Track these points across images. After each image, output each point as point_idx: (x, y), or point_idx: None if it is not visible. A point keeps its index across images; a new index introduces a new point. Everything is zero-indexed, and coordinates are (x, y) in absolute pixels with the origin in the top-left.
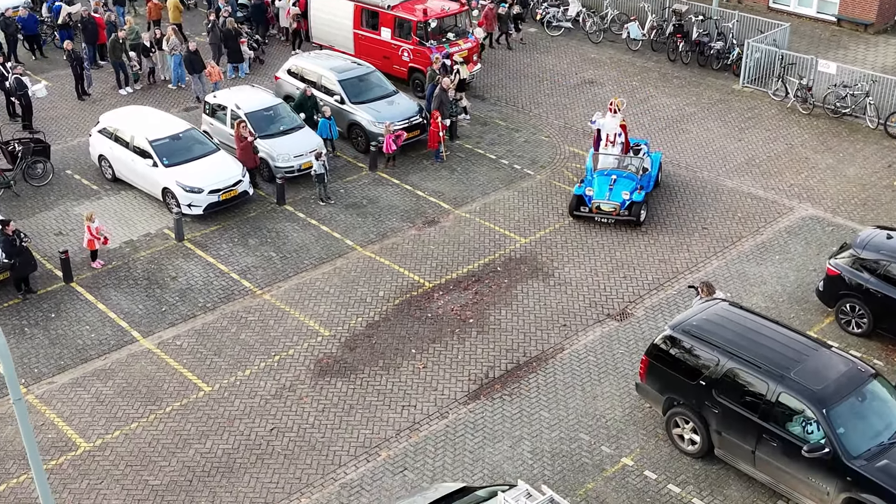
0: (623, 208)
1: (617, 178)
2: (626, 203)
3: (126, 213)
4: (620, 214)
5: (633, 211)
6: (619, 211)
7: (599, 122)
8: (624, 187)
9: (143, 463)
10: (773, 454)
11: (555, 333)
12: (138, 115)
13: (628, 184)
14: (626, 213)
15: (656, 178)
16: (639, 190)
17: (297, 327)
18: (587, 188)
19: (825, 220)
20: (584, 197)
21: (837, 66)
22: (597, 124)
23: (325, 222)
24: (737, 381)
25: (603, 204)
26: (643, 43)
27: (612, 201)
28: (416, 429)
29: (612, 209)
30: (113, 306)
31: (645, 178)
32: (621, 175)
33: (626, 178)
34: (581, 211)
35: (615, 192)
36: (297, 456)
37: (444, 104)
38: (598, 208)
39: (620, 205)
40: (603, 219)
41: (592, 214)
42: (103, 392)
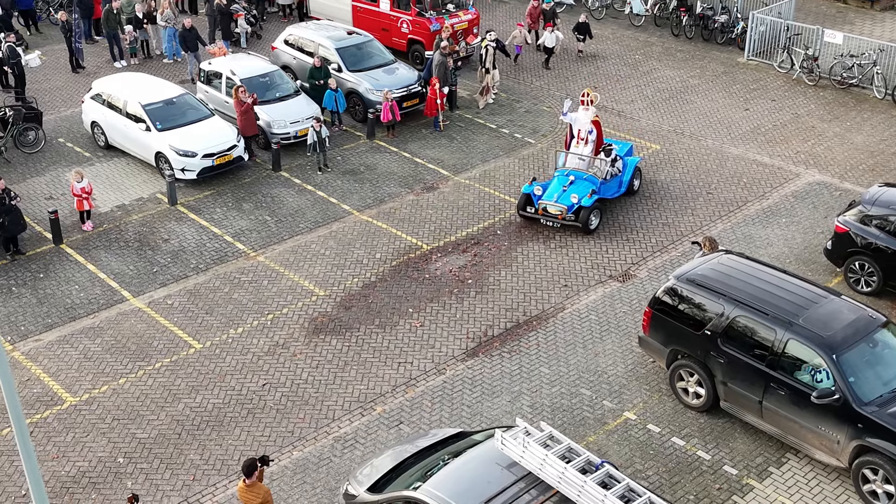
0: (570, 212)
1: (575, 179)
2: (574, 207)
3: (118, 178)
4: (567, 219)
5: (581, 217)
6: (566, 215)
7: (571, 115)
8: (576, 190)
9: (131, 417)
10: (780, 403)
11: (555, 293)
12: (132, 80)
13: (584, 187)
14: (573, 219)
15: (629, 184)
16: (590, 194)
17: (291, 287)
18: (536, 187)
19: (833, 185)
20: (532, 196)
21: (844, 35)
22: (568, 118)
23: (322, 188)
24: (743, 330)
25: (550, 206)
26: (646, 18)
27: (559, 204)
28: (413, 384)
29: (558, 212)
30: (103, 267)
31: (612, 182)
32: (581, 177)
33: (587, 180)
34: (527, 211)
35: (565, 195)
36: (289, 410)
37: (446, 72)
38: (544, 210)
39: (568, 208)
40: (549, 222)
41: (538, 216)
42: (91, 349)
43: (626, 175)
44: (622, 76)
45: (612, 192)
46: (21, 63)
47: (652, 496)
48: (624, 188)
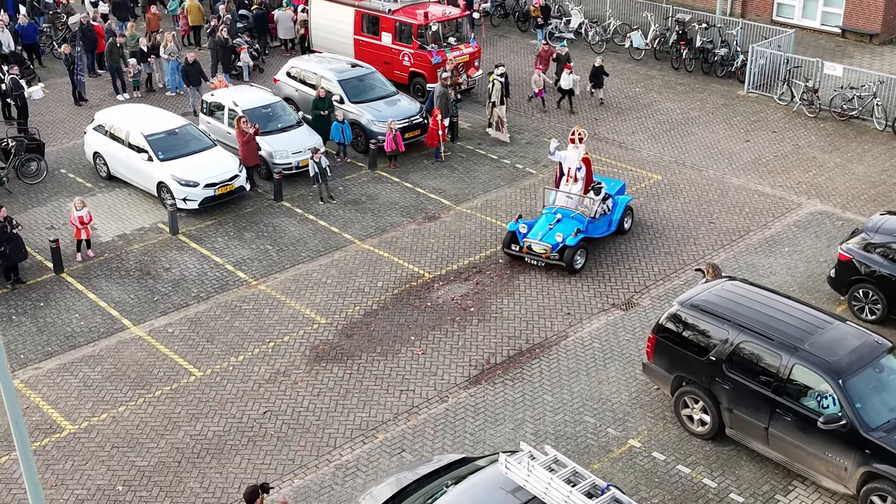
0: (554, 251)
1: (562, 217)
2: (558, 246)
3: (120, 208)
4: (551, 258)
5: (566, 256)
6: (550, 254)
7: (560, 154)
8: (561, 229)
9: (130, 444)
10: (787, 430)
11: (558, 322)
12: (134, 111)
13: (570, 226)
14: (557, 258)
15: (620, 224)
16: (575, 233)
17: (292, 315)
18: (521, 225)
19: (835, 215)
20: (517, 234)
21: (844, 68)
22: (556, 156)
23: (323, 217)
24: (748, 355)
25: (534, 244)
26: (646, 52)
27: (543, 242)
28: (415, 412)
29: (542, 251)
30: (104, 296)
31: (602, 221)
32: (568, 215)
33: (574, 219)
34: (512, 249)
35: (550, 233)
36: (290, 438)
37: (449, 103)
38: (528, 248)
39: (552, 247)
40: (533, 261)
41: (522, 254)
42: (91, 377)
43: (616, 214)
44: (623, 108)
45: (602, 231)
46: (24, 95)
47: None
48: (614, 227)
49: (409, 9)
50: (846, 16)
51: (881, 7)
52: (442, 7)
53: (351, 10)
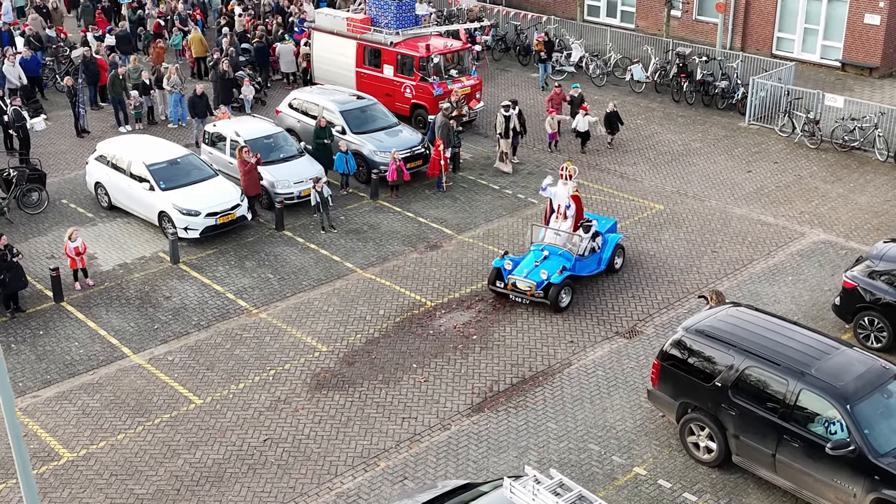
0: (539, 288)
1: (549, 254)
2: (543, 283)
3: (120, 238)
4: (535, 295)
5: (550, 294)
6: (535, 291)
7: (550, 190)
8: (547, 266)
9: (129, 472)
10: (794, 457)
11: (561, 349)
12: (136, 142)
13: (556, 263)
14: (542, 295)
15: (610, 262)
16: (560, 271)
17: (293, 343)
18: (506, 261)
19: (838, 244)
20: (502, 270)
21: (845, 99)
22: (547, 192)
23: (325, 246)
24: (754, 381)
25: (519, 281)
26: (647, 85)
27: (528, 279)
28: (417, 440)
29: (527, 288)
30: (103, 324)
31: (591, 259)
32: (555, 252)
33: (561, 256)
34: (497, 286)
35: (535, 271)
36: (291, 466)
37: (450, 133)
38: (513, 285)
39: (537, 284)
40: (517, 298)
41: (507, 291)
42: (90, 405)
43: (606, 252)
44: (624, 140)
45: (591, 269)
46: (26, 126)
47: None
48: (603, 266)
49: (410, 41)
50: (846, 49)
51: (881, 41)
52: (443, 40)
53: (353, 42)
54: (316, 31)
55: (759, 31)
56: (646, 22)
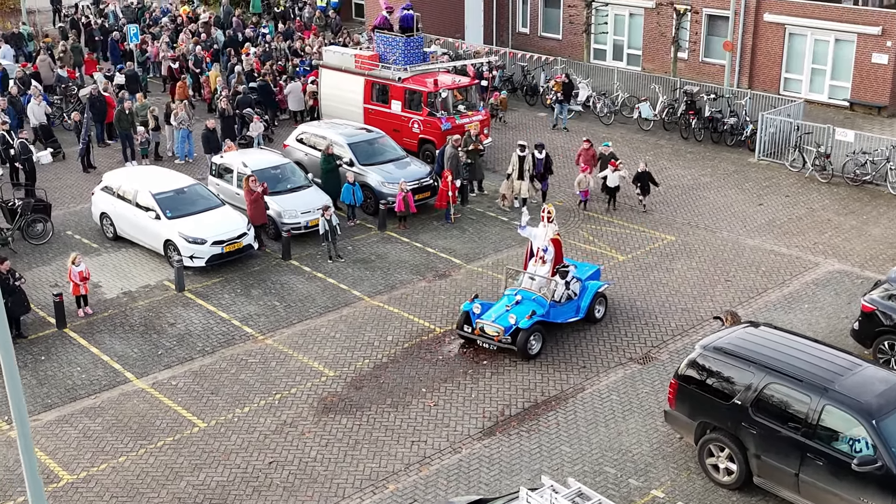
0: (507, 334)
1: (522, 299)
2: (511, 329)
3: (125, 267)
4: (503, 341)
5: (518, 340)
6: (503, 337)
7: (529, 230)
8: (518, 311)
9: (130, 494)
10: (819, 475)
11: (574, 374)
12: (143, 172)
13: (526, 308)
14: (509, 341)
15: (590, 310)
16: (529, 316)
17: (300, 368)
18: (475, 305)
19: (854, 273)
20: (470, 314)
21: (855, 133)
22: (525, 231)
23: (332, 275)
24: (776, 398)
25: (487, 326)
26: (655, 123)
27: (496, 324)
28: (427, 463)
29: (495, 333)
30: (106, 350)
31: (567, 306)
32: (529, 297)
33: (534, 301)
34: (465, 331)
35: (504, 315)
36: (297, 488)
37: (459, 164)
38: (481, 330)
39: (505, 329)
40: (485, 343)
41: (475, 336)
42: (91, 428)
43: (584, 300)
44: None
45: (567, 316)
46: (32, 159)
47: None
48: (582, 314)
49: (418, 77)
50: (854, 89)
51: (889, 80)
52: (451, 76)
53: (361, 78)
54: (324, 68)
55: (767, 72)
56: (652, 64)
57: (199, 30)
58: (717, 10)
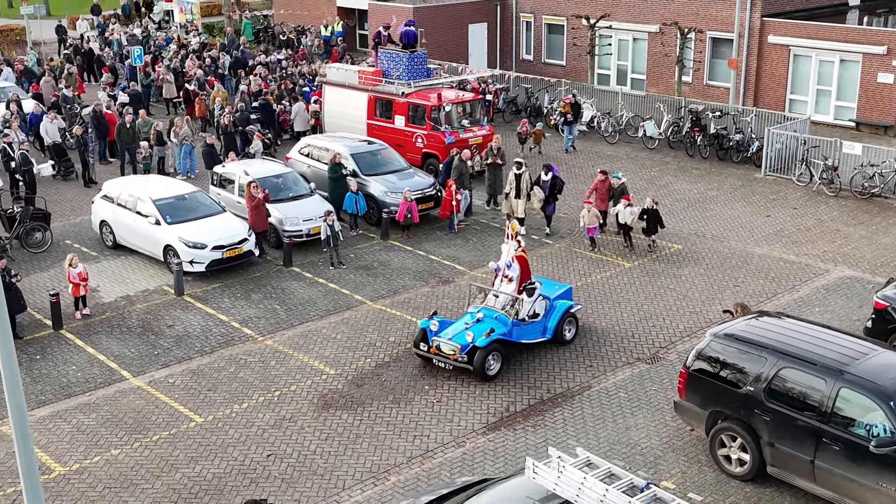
0: (463, 352)
1: (483, 317)
2: (468, 347)
3: (124, 273)
4: (459, 360)
5: (475, 359)
6: (458, 356)
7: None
8: (476, 329)
9: (124, 485)
10: (835, 461)
11: (580, 373)
12: (142, 180)
13: (485, 326)
14: (465, 360)
15: (557, 331)
16: (487, 334)
17: (300, 367)
18: (433, 322)
19: (864, 279)
20: (427, 332)
21: (863, 146)
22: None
23: (334, 281)
24: (789, 383)
25: (443, 344)
26: (659, 141)
27: (452, 342)
28: (430, 456)
29: (451, 352)
30: (103, 350)
31: (532, 326)
32: (490, 315)
33: (496, 320)
34: (420, 349)
35: (461, 333)
36: (295, 480)
37: (463, 176)
38: (437, 348)
39: (461, 348)
40: (441, 363)
41: (431, 355)
42: (85, 423)
43: (552, 321)
44: (638, 188)
45: (533, 336)
46: (32, 171)
47: None
48: (549, 335)
49: (422, 92)
50: (860, 109)
51: (895, 99)
52: (455, 91)
53: (364, 94)
54: (327, 85)
55: (771, 94)
56: (657, 89)
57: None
58: (721, 32)
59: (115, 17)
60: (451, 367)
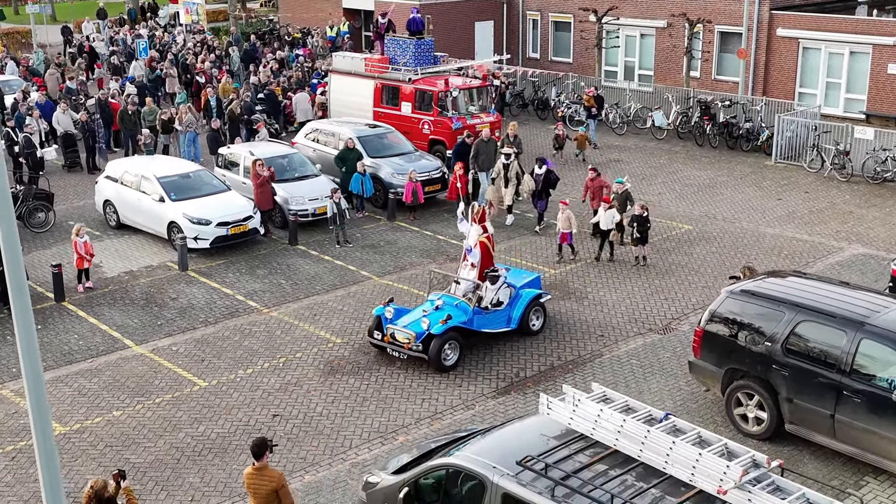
0: (418, 340)
1: (442, 304)
2: (423, 335)
3: (127, 251)
4: (413, 348)
5: (431, 348)
6: (413, 344)
7: (465, 226)
8: (433, 316)
9: (126, 444)
10: (856, 414)
11: (592, 342)
12: (147, 159)
13: (441, 314)
14: (420, 349)
15: (523, 321)
16: (444, 321)
17: (305, 336)
18: (388, 309)
19: (879, 256)
20: (382, 319)
21: (875, 130)
22: (463, 225)
23: (340, 258)
24: (808, 336)
25: (398, 332)
26: (668, 132)
27: (407, 330)
28: (439, 418)
29: (406, 340)
30: (106, 320)
31: (496, 315)
32: (450, 303)
33: (457, 307)
34: (374, 337)
35: (417, 321)
36: (301, 440)
37: (481, 156)
38: (391, 336)
39: (416, 336)
40: (395, 352)
41: (385, 344)
42: (87, 386)
43: (516, 310)
44: (647, 175)
45: (496, 326)
46: (36, 154)
47: (729, 442)
48: (514, 325)
49: (429, 79)
50: (870, 101)
51: None
52: (461, 78)
53: (371, 82)
54: (333, 73)
55: (781, 87)
56: (664, 84)
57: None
58: (730, 26)
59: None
60: (406, 357)
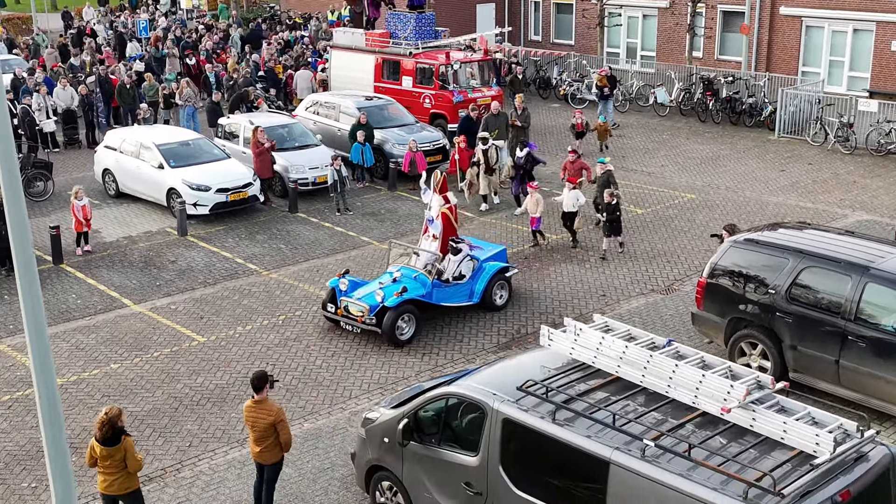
0: (372, 314)
1: (400, 277)
2: (377, 308)
3: (127, 217)
4: (367, 322)
5: (385, 321)
6: (366, 317)
7: (428, 196)
8: (388, 289)
9: (123, 394)
10: (861, 359)
11: (594, 302)
12: (146, 128)
13: (398, 286)
14: (374, 322)
15: (486, 295)
16: (399, 293)
17: (305, 296)
18: (342, 281)
19: (883, 222)
20: (336, 291)
21: (879, 103)
22: (427, 195)
23: (340, 225)
24: (813, 282)
25: (351, 304)
26: (671, 109)
27: (360, 302)
28: (440, 370)
29: (359, 313)
30: (104, 281)
31: (457, 288)
32: (409, 275)
33: (414, 280)
34: (328, 310)
35: (371, 293)
36: (301, 391)
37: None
38: (345, 309)
39: (370, 308)
40: (348, 325)
41: (338, 317)
42: (84, 342)
43: (479, 283)
44: (650, 149)
45: (457, 300)
46: (34, 125)
47: (733, 365)
48: (476, 299)
49: (430, 53)
50: (873, 79)
51: None
52: (463, 52)
53: (371, 57)
54: (334, 49)
55: (784, 66)
56: (667, 65)
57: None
58: (733, 5)
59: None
60: (359, 331)
